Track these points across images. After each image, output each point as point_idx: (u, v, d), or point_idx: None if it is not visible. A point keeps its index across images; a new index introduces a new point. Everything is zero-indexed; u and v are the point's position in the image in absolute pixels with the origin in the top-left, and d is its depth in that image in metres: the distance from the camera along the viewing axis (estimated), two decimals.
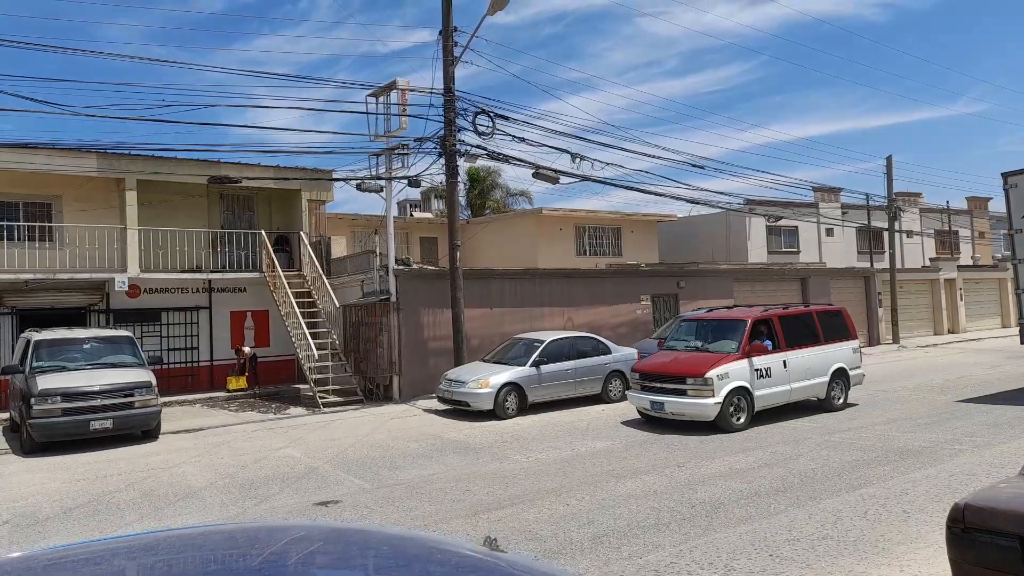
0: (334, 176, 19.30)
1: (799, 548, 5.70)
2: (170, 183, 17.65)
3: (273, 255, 18.21)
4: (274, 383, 18.52)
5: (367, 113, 15.92)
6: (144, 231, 17.14)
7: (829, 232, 32.20)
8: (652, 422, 11.82)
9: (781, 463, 8.78)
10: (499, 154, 16.37)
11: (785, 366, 11.84)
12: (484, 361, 14.78)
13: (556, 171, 16.63)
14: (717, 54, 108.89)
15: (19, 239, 16.59)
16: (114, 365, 12.45)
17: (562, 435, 11.35)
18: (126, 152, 16.49)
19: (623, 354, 14.96)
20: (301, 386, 17.99)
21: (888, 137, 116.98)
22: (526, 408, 13.49)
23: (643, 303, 20.44)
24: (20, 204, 17.04)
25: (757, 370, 11.40)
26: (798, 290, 25.13)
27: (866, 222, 29.34)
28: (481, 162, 17.69)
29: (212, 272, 18.44)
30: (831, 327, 12.98)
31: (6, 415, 14.03)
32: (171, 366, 17.72)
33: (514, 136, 16.26)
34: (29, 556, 1.91)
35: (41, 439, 11.01)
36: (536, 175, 16.60)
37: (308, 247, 18.57)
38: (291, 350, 17.96)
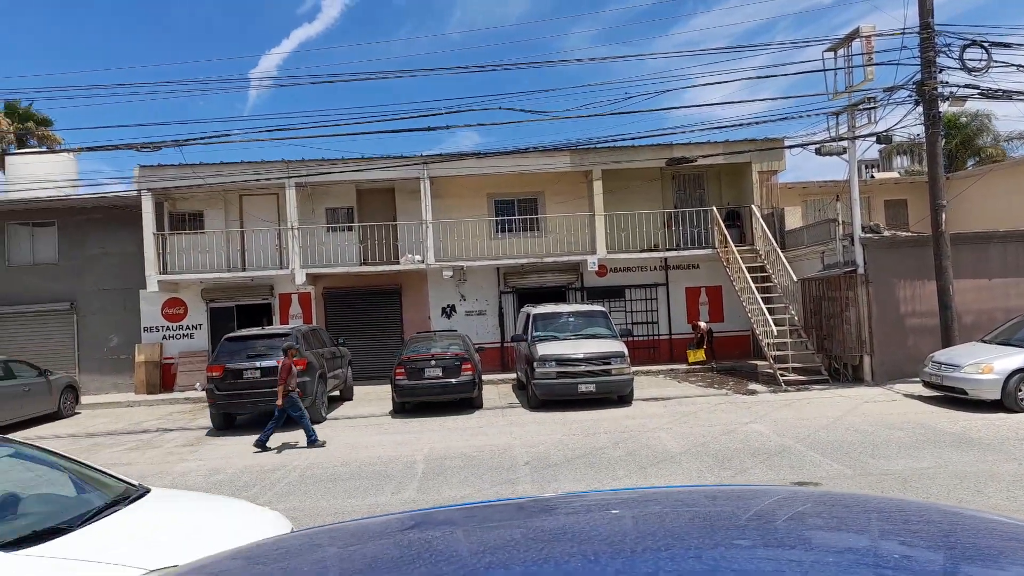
0: (786, 144, 18.40)
1: None
2: (629, 170, 19.11)
3: (725, 230, 18.28)
4: (729, 358, 18.64)
5: (824, 71, 14.69)
6: (609, 216, 18.93)
7: None
8: None
9: None
10: (996, 91, 13.45)
11: None
12: (983, 342, 12.38)
13: None
14: None
15: (515, 231, 19.99)
16: (592, 336, 14.03)
17: None
18: (592, 147, 18.38)
19: None
20: (758, 362, 17.72)
21: None
22: None
23: None
24: (515, 201, 20.45)
25: None
26: None
27: None
28: (970, 104, 14.82)
29: (667, 250, 19.43)
30: None
31: (513, 375, 17.07)
32: (635, 339, 19.25)
33: (1019, 66, 13.16)
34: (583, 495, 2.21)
35: (542, 397, 13.06)
36: None
37: (760, 220, 18.12)
38: (745, 325, 17.83)
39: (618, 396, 13.29)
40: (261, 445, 10.68)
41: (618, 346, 13.37)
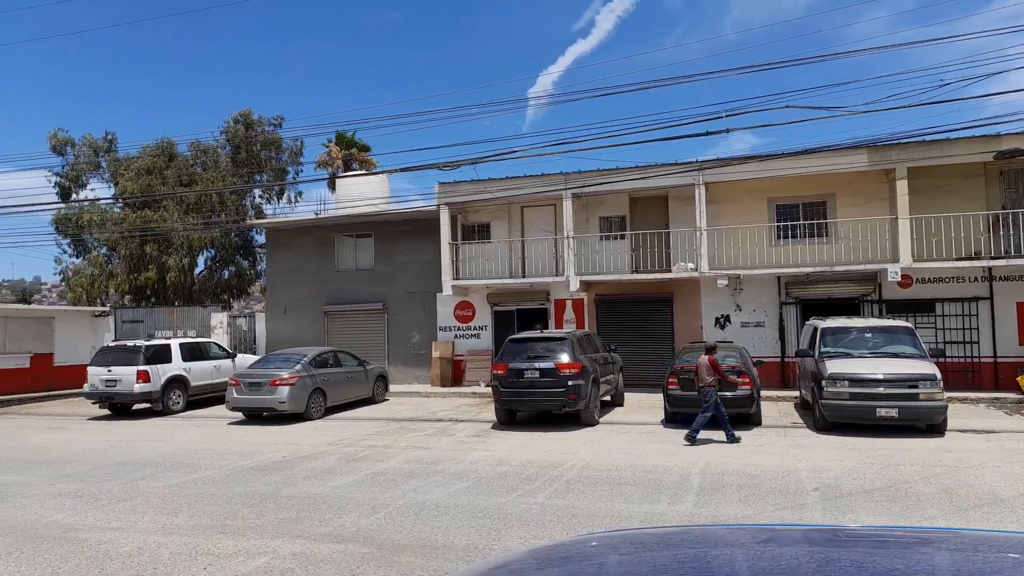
0: None
1: None
2: (941, 166, 16.66)
3: None
4: None
5: None
6: (915, 219, 16.66)
7: None
8: None
9: None
10: None
11: None
12: None
13: None
14: None
15: (799, 237, 18.54)
16: (895, 355, 12.43)
17: None
18: (895, 142, 16.35)
19: None
20: None
21: None
22: None
23: None
24: (800, 205, 18.97)
25: None
26: None
27: None
28: None
29: (992, 258, 16.51)
30: None
31: (796, 393, 15.81)
32: (948, 360, 16.67)
33: None
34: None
35: (831, 419, 11.88)
36: None
37: None
38: None
39: (927, 425, 11.60)
40: (728, 438, 11.19)
41: (928, 368, 11.66)
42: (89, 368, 17.48)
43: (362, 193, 23.58)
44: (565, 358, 13.01)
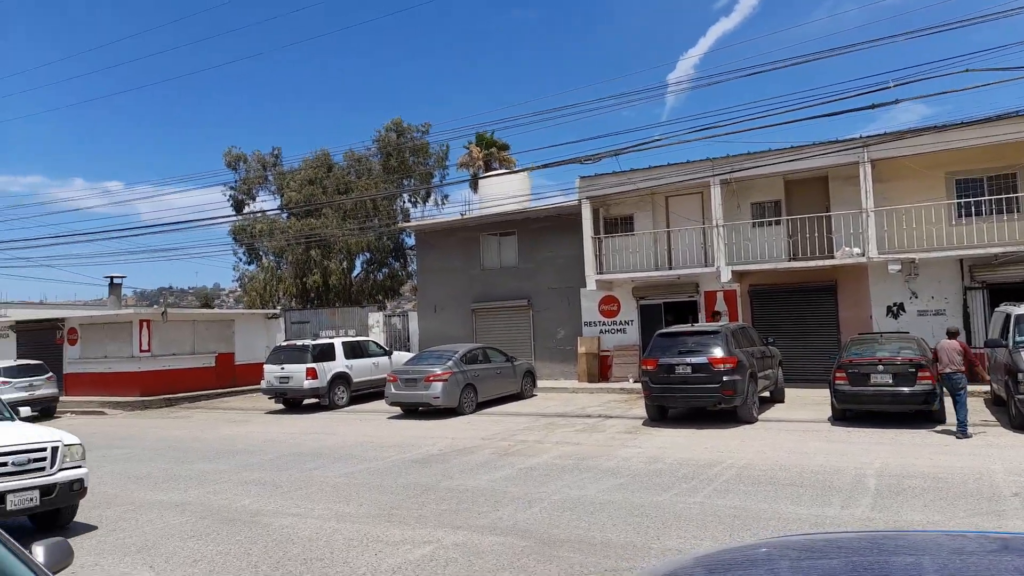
0: None
1: None
2: None
3: None
4: None
5: None
6: None
7: None
8: None
9: None
10: None
11: None
12: None
13: None
14: None
15: (985, 214, 16.61)
16: None
17: None
18: None
19: None
20: None
21: None
22: None
23: None
24: (983, 179, 17.00)
25: None
26: None
27: None
28: None
29: None
30: None
31: (984, 388, 14.19)
32: None
33: None
34: None
35: None
36: None
37: None
38: None
39: None
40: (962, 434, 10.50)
41: None
42: (265, 366, 19.10)
43: (504, 192, 23.99)
44: (719, 352, 12.48)
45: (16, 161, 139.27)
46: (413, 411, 16.27)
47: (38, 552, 2.57)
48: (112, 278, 29.66)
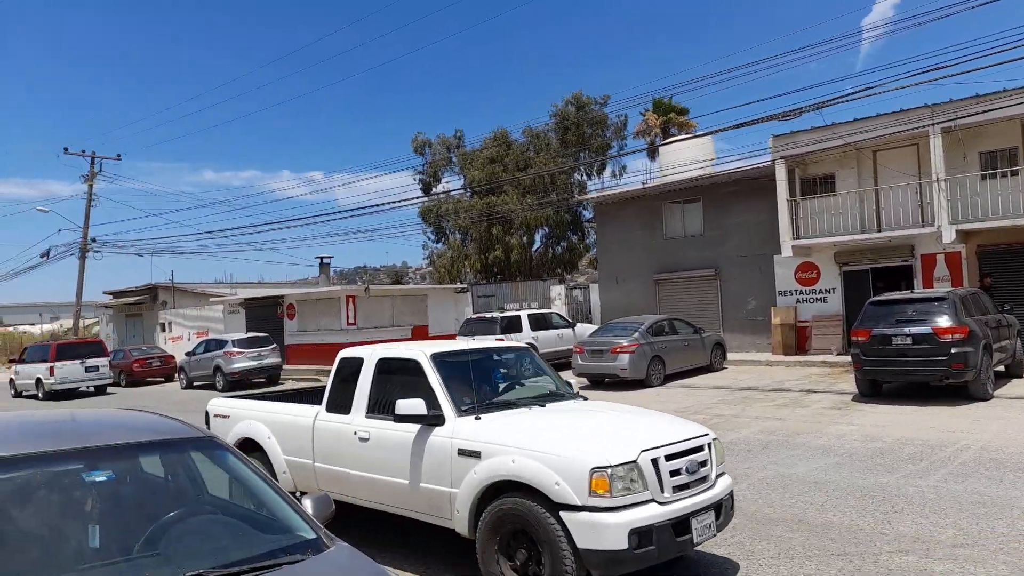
0: None
1: None
2: None
3: None
4: None
5: None
6: None
7: None
8: None
9: None
10: None
11: None
12: None
13: None
14: None
15: None
16: None
17: None
18: None
19: None
20: None
21: None
22: None
23: None
24: None
25: None
26: None
27: None
28: None
29: None
30: None
31: None
32: None
33: None
34: None
35: None
36: None
37: None
38: None
39: None
40: None
41: None
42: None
43: (685, 158, 23.04)
44: (946, 321, 11.07)
45: (236, 159, 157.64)
46: (599, 382, 16.23)
47: (307, 504, 2.96)
48: (322, 258, 32.63)
